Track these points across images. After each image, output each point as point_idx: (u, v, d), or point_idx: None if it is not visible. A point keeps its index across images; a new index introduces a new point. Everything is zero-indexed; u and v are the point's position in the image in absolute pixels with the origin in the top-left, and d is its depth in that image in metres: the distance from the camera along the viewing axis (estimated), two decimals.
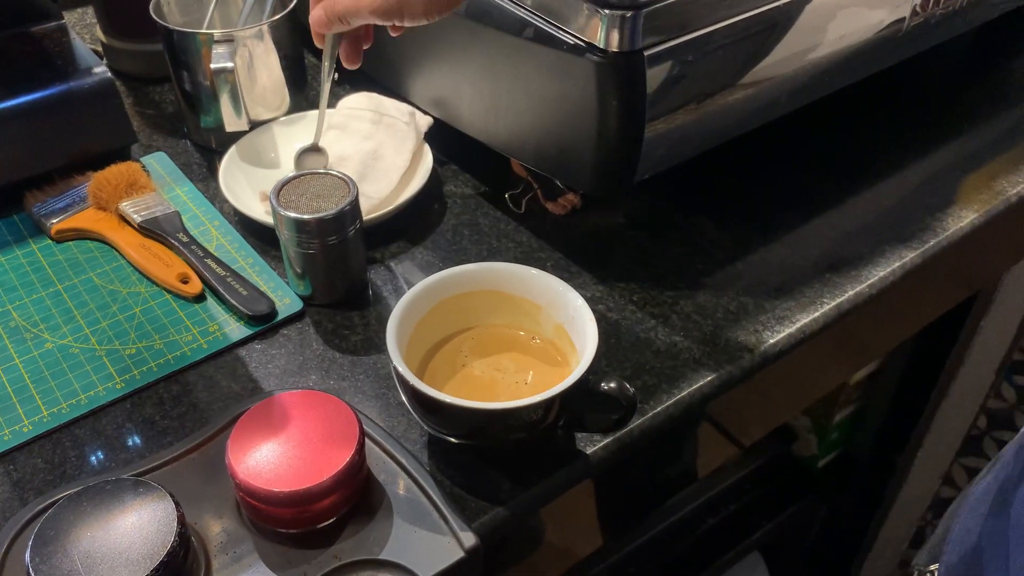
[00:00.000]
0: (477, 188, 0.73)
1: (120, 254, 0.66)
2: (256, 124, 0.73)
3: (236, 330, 0.60)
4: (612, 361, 0.58)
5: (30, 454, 0.53)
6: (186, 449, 0.50)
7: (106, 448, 0.53)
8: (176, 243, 0.65)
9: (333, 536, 0.47)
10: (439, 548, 0.46)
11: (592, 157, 0.59)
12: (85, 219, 0.68)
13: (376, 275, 0.65)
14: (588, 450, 0.53)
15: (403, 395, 0.50)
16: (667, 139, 0.60)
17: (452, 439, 0.51)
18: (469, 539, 0.47)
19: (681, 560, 1.09)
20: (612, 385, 0.49)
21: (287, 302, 0.62)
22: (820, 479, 1.18)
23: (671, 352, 0.59)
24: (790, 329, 0.60)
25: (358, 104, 0.72)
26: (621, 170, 0.60)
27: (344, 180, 0.59)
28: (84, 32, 0.92)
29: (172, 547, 0.42)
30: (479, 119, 0.68)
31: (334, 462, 0.45)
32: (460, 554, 0.46)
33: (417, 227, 0.69)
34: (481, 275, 0.54)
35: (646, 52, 0.55)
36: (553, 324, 0.54)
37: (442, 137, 0.72)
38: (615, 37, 0.54)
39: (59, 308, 0.62)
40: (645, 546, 1.05)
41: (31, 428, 0.54)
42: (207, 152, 0.76)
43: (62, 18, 0.70)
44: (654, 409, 0.55)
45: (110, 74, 0.70)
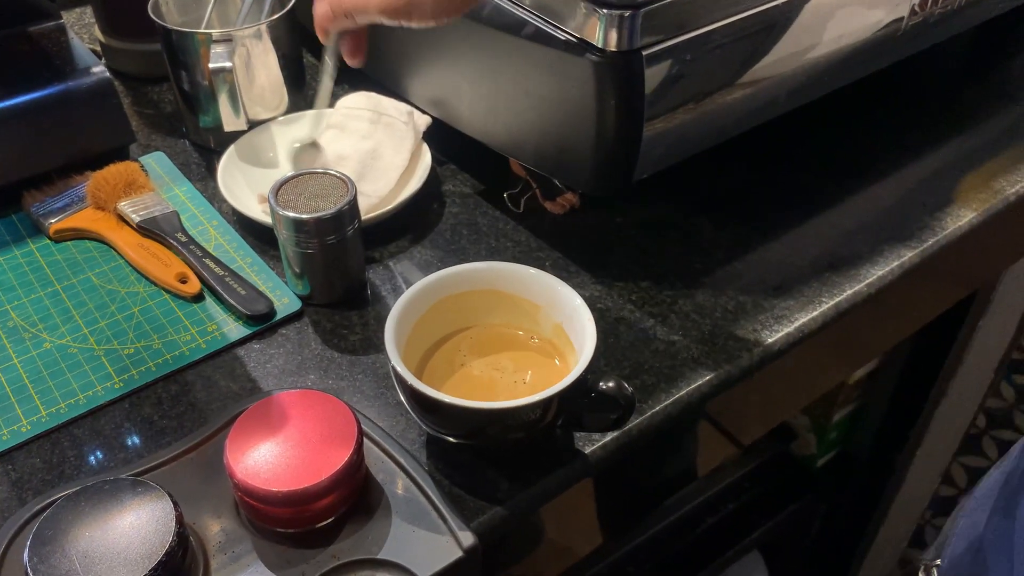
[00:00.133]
0: (476, 187, 0.73)
1: (118, 254, 0.66)
2: (254, 124, 0.73)
3: (234, 330, 0.60)
4: (611, 360, 0.58)
5: (28, 454, 0.53)
6: (184, 449, 0.50)
7: (104, 448, 0.53)
8: (175, 243, 0.65)
9: (331, 536, 0.47)
10: (438, 548, 0.46)
11: (591, 156, 0.59)
12: (83, 219, 0.68)
13: (375, 274, 0.65)
14: (587, 449, 0.53)
15: (401, 395, 0.50)
16: (666, 138, 0.60)
17: (451, 439, 0.51)
18: (468, 538, 0.47)
19: (680, 559, 1.09)
20: (611, 384, 0.49)
21: (285, 302, 0.62)
22: (819, 478, 1.18)
23: (670, 351, 0.59)
24: (789, 328, 0.60)
25: (356, 104, 0.72)
26: (620, 169, 0.60)
27: (342, 179, 0.59)
28: (82, 32, 0.92)
29: (170, 547, 0.42)
30: (478, 118, 0.68)
31: (332, 462, 0.45)
32: (459, 554, 0.46)
33: (416, 226, 0.69)
34: (480, 274, 0.54)
35: (644, 51, 0.55)
36: (552, 323, 0.54)
37: (441, 137, 0.72)
38: (613, 36, 0.54)
39: (57, 308, 0.62)
40: (644, 545, 1.05)
41: (29, 428, 0.54)
42: (206, 152, 0.76)
43: (60, 18, 0.70)
44: (653, 408, 0.55)
45: (108, 74, 0.70)
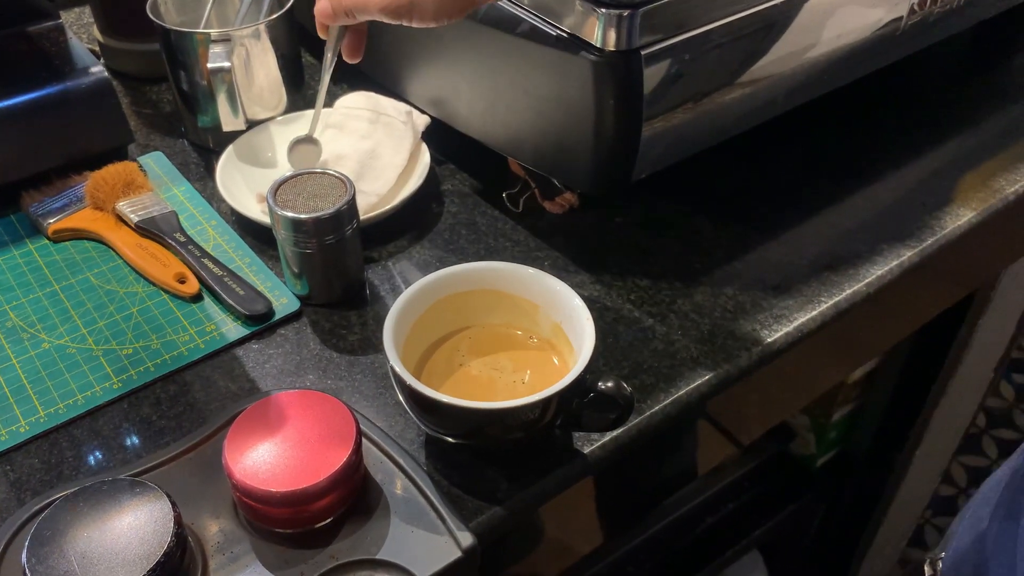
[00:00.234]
0: (475, 187, 0.73)
1: (117, 254, 0.66)
2: (253, 124, 0.73)
3: (233, 330, 0.60)
4: (610, 360, 0.58)
5: (27, 454, 0.53)
6: (183, 449, 0.50)
7: (103, 448, 0.53)
8: (173, 243, 0.65)
9: (330, 536, 0.47)
10: (436, 548, 0.46)
11: (589, 156, 0.59)
12: (82, 219, 0.67)
13: (373, 274, 0.65)
14: (586, 449, 0.53)
15: (400, 395, 0.50)
16: (664, 138, 0.60)
17: (449, 439, 0.51)
18: (466, 539, 0.47)
19: (680, 559, 1.09)
20: (610, 384, 0.49)
21: (284, 302, 0.62)
22: (819, 478, 1.18)
23: (669, 351, 0.58)
24: (788, 328, 0.60)
25: (355, 103, 0.72)
26: (618, 169, 0.60)
27: (341, 179, 0.59)
28: (81, 32, 0.92)
29: (169, 547, 0.42)
30: (476, 118, 0.68)
31: (331, 462, 0.45)
32: (457, 554, 0.46)
33: (414, 226, 0.69)
34: (478, 274, 0.54)
35: (643, 51, 0.55)
36: (551, 323, 0.54)
37: (440, 136, 0.72)
38: (612, 36, 0.54)
39: (56, 308, 0.62)
40: (644, 545, 1.05)
41: (28, 428, 0.54)
42: (204, 152, 0.76)
43: (59, 17, 0.70)
44: (652, 408, 0.55)
45: (107, 74, 0.70)
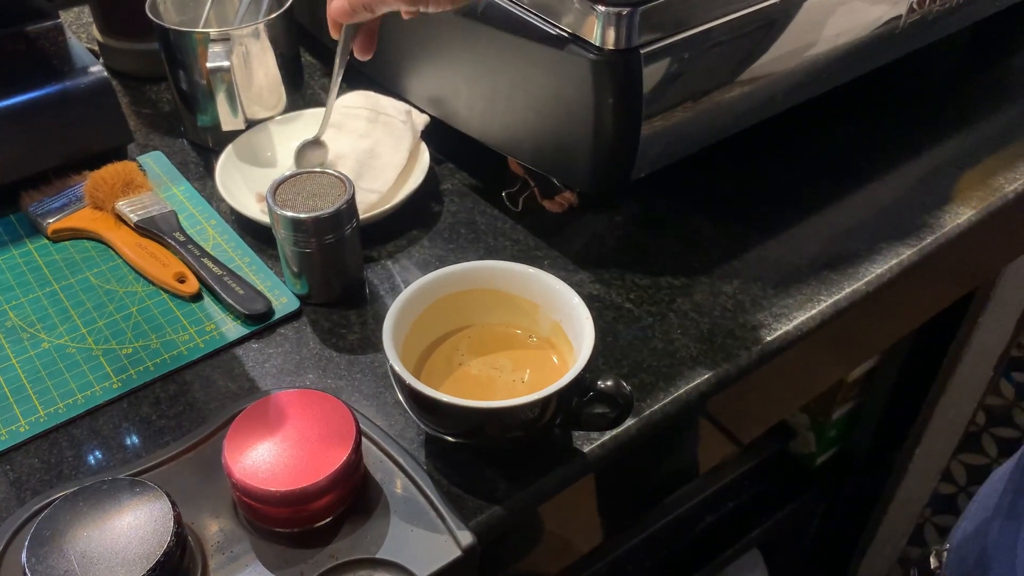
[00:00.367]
0: (474, 186, 0.73)
1: (116, 253, 0.66)
2: (253, 123, 0.73)
3: (233, 329, 0.60)
4: (609, 359, 0.58)
5: (27, 454, 0.53)
6: (183, 449, 0.50)
7: (103, 448, 0.53)
8: (173, 242, 0.65)
9: (330, 535, 0.47)
10: (436, 547, 0.46)
11: (589, 155, 0.59)
12: (81, 219, 0.67)
13: (373, 274, 0.65)
14: (585, 448, 0.53)
15: (400, 394, 0.50)
16: (664, 137, 0.60)
17: (449, 438, 0.51)
18: (466, 538, 0.47)
19: (679, 558, 1.09)
20: (609, 383, 0.49)
21: (284, 301, 0.62)
22: (818, 476, 1.18)
23: (668, 350, 0.58)
24: (787, 327, 0.60)
25: (355, 103, 0.72)
26: (618, 168, 0.60)
27: (341, 179, 0.59)
28: (80, 31, 0.92)
29: (169, 547, 0.42)
30: (476, 117, 0.68)
31: (331, 461, 0.45)
32: (457, 553, 0.46)
33: (414, 225, 0.69)
34: (478, 273, 0.54)
35: (642, 50, 0.55)
36: (550, 322, 0.54)
37: (439, 135, 0.72)
38: (611, 35, 0.54)
39: (55, 308, 0.62)
40: (643, 544, 1.05)
41: (28, 428, 0.54)
42: (204, 151, 0.76)
43: (58, 17, 0.70)
44: (651, 407, 0.55)
45: (106, 73, 0.70)
